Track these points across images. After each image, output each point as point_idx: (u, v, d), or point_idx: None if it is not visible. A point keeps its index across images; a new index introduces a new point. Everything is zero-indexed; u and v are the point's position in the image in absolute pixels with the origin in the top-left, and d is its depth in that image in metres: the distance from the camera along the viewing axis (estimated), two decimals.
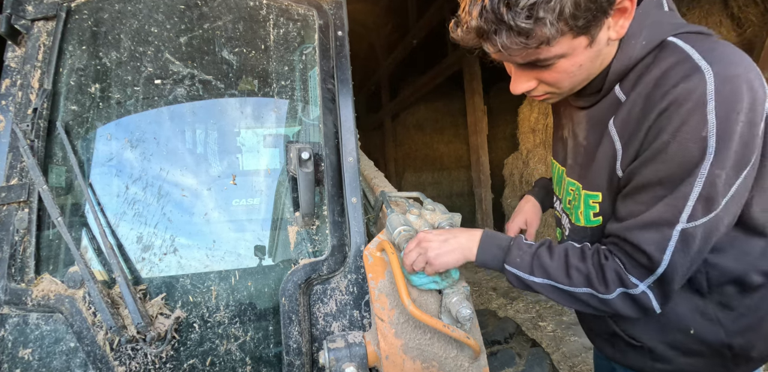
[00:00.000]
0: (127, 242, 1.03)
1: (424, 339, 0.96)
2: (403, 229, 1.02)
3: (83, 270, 0.93)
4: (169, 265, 1.04)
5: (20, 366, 0.92)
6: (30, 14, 1.13)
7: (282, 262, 1.11)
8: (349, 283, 1.09)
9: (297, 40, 1.27)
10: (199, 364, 0.99)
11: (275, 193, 1.17)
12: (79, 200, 1.06)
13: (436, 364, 0.94)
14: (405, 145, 8.53)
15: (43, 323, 0.96)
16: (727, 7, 3.93)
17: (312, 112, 1.23)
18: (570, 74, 0.77)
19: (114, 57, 1.14)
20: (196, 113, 1.16)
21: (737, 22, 3.91)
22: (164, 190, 1.08)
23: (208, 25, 1.20)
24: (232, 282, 1.05)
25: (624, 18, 0.73)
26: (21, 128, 1.02)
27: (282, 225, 1.14)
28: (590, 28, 0.70)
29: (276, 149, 1.21)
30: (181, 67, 1.16)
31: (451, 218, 1.11)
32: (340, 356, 0.95)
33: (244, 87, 1.21)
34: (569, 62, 0.75)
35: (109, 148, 1.09)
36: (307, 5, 1.28)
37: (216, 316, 1.02)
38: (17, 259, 0.97)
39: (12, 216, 0.99)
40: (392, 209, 1.13)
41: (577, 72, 0.77)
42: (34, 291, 0.95)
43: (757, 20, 3.76)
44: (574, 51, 0.73)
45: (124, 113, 1.13)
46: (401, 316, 0.97)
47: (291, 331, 0.99)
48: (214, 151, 1.17)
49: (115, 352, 0.94)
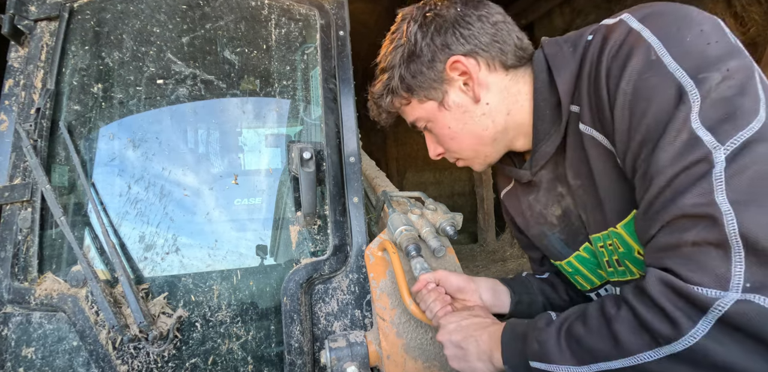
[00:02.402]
0: (130, 241, 1.04)
1: (425, 338, 0.96)
2: (405, 228, 1.02)
3: (86, 269, 0.93)
4: (171, 265, 1.04)
5: (23, 365, 0.93)
6: (33, 14, 1.13)
7: (284, 262, 1.11)
8: (351, 282, 1.09)
9: (299, 40, 1.27)
10: (201, 363, 0.99)
11: (277, 193, 1.17)
12: (81, 199, 1.06)
13: (437, 364, 0.94)
14: (406, 144, 8.52)
15: (46, 322, 0.96)
16: (731, 5, 3.91)
17: (314, 111, 1.24)
18: (447, 136, 0.84)
19: (116, 57, 1.14)
20: (198, 113, 1.17)
21: (740, 21, 3.89)
22: (166, 190, 1.08)
23: (210, 25, 1.20)
24: (234, 281, 1.05)
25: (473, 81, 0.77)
26: (24, 128, 1.02)
27: (284, 224, 1.15)
28: (421, 94, 0.81)
29: (278, 149, 1.21)
30: (183, 67, 1.16)
31: (452, 218, 1.11)
32: (341, 356, 0.95)
33: (245, 87, 1.21)
34: (437, 125, 0.84)
35: (112, 147, 1.09)
36: (309, 5, 1.28)
37: (218, 315, 1.02)
38: (20, 258, 0.98)
39: (15, 215, 1.00)
40: (394, 209, 1.13)
41: (453, 134, 0.83)
42: (37, 290, 0.95)
43: (760, 19, 3.75)
44: (429, 114, 0.83)
45: (126, 113, 1.14)
46: (403, 315, 0.97)
47: (292, 330, 1.00)
48: (216, 150, 1.17)
49: (117, 351, 0.95)
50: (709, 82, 0.53)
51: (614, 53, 0.62)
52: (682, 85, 0.54)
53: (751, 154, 0.48)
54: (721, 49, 0.55)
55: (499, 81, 0.79)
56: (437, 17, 0.77)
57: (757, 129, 0.49)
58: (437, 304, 0.86)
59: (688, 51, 0.56)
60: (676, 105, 0.54)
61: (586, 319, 0.58)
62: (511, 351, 0.68)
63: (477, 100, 0.78)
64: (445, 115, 0.81)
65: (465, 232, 6.94)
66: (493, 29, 0.77)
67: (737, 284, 0.44)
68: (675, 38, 0.57)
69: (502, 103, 0.79)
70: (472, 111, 0.80)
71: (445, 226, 1.08)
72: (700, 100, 0.52)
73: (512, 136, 0.84)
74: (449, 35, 0.76)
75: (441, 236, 1.11)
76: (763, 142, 0.49)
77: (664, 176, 0.53)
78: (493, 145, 0.85)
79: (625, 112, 0.60)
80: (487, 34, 0.76)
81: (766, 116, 0.51)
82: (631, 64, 0.59)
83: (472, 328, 0.76)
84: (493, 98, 0.79)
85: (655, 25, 0.60)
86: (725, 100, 0.52)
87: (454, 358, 0.77)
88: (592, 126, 0.68)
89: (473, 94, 0.78)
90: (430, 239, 1.04)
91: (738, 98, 0.52)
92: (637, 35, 0.60)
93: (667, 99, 0.55)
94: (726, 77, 0.53)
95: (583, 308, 0.62)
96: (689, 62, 0.55)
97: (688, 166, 0.51)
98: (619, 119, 0.61)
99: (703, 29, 0.57)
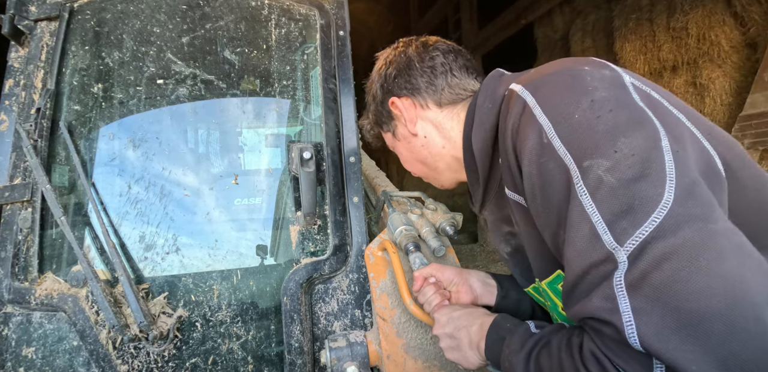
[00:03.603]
0: (130, 241, 1.04)
1: (425, 338, 0.96)
2: (405, 228, 1.02)
3: (86, 269, 0.93)
4: (172, 265, 1.04)
5: (24, 364, 0.93)
6: (33, 15, 1.13)
7: (284, 262, 1.11)
8: (351, 282, 1.09)
9: (299, 40, 1.27)
10: (201, 363, 1.00)
11: (277, 193, 1.17)
12: (81, 199, 1.06)
13: (437, 364, 0.94)
14: None
15: (47, 322, 0.96)
16: (731, 6, 3.91)
17: (314, 111, 1.24)
18: (404, 161, 1.00)
19: (116, 57, 1.14)
20: (198, 113, 1.17)
21: (740, 21, 3.89)
22: (166, 190, 1.08)
23: (210, 25, 1.20)
24: (234, 281, 1.05)
25: (404, 118, 0.89)
26: (24, 128, 1.02)
27: (284, 224, 1.15)
28: (383, 126, 0.97)
29: (278, 149, 1.21)
30: (183, 67, 1.16)
31: (452, 218, 1.11)
32: (341, 355, 0.95)
33: (246, 87, 1.21)
34: (397, 152, 1.00)
35: (112, 147, 1.09)
36: (309, 5, 1.28)
37: (218, 315, 1.02)
38: (21, 258, 0.98)
39: (15, 215, 1.00)
40: (394, 209, 1.13)
41: (405, 159, 0.98)
42: (38, 290, 0.95)
43: (760, 19, 3.75)
44: (391, 142, 1.00)
45: (126, 113, 1.14)
46: (403, 315, 0.97)
47: (293, 330, 1.00)
48: (216, 150, 1.17)
49: (117, 351, 0.95)
50: (595, 171, 0.49)
51: (516, 130, 0.62)
52: (570, 176, 0.52)
53: (650, 257, 0.44)
54: (612, 122, 0.51)
55: (434, 117, 0.87)
56: (390, 64, 0.90)
57: (659, 221, 0.45)
58: (437, 297, 0.89)
59: (575, 131, 0.52)
60: (568, 198, 0.52)
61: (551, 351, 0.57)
62: (491, 350, 0.72)
63: (413, 133, 0.90)
64: (398, 144, 0.97)
65: (465, 232, 6.94)
66: (429, 72, 0.86)
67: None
68: (563, 116, 0.54)
69: (438, 136, 0.88)
70: (413, 142, 0.92)
71: (445, 226, 1.09)
72: (589, 192, 0.49)
73: (456, 168, 0.90)
74: (395, 79, 0.89)
75: (441, 236, 1.11)
76: (662, 240, 0.44)
77: (577, 269, 0.51)
78: (437, 171, 0.94)
79: (536, 195, 0.58)
80: (424, 77, 0.86)
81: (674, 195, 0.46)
82: (527, 146, 0.58)
83: (463, 318, 0.80)
84: (430, 132, 0.88)
85: (546, 101, 0.58)
86: (620, 189, 0.48)
87: (448, 349, 0.80)
88: (515, 191, 0.70)
89: (410, 128, 0.89)
90: (430, 239, 1.04)
91: (634, 184, 0.47)
92: (530, 114, 0.58)
93: (561, 189, 0.53)
94: (617, 160, 0.49)
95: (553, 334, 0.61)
96: (575, 145, 0.52)
97: (594, 264, 0.49)
98: (530, 200, 0.60)
99: (594, 99, 0.54)
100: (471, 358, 0.76)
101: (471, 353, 0.76)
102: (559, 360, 0.55)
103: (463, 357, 0.78)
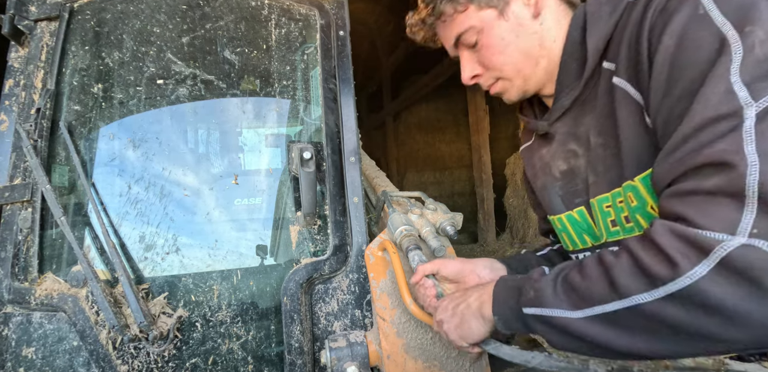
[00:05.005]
0: (130, 241, 1.04)
1: (425, 338, 0.96)
2: (405, 228, 1.02)
3: (86, 269, 0.93)
4: (172, 265, 1.04)
5: (24, 364, 0.93)
6: (33, 15, 1.13)
7: (284, 262, 1.11)
8: (351, 282, 1.09)
9: (299, 40, 1.27)
10: (202, 363, 1.00)
11: (277, 193, 1.17)
12: (81, 200, 1.06)
13: (437, 364, 0.94)
14: (406, 144, 8.52)
15: (47, 322, 0.96)
16: None
17: (314, 111, 1.24)
18: (496, 48, 0.83)
19: (116, 57, 1.14)
20: (198, 113, 1.17)
21: None
22: (166, 190, 1.08)
23: (210, 25, 1.20)
24: (234, 281, 1.05)
25: None
26: (24, 128, 1.02)
27: (284, 224, 1.15)
28: (492, 1, 0.81)
29: (278, 149, 1.21)
30: (183, 67, 1.16)
31: (452, 218, 1.11)
32: (341, 355, 0.95)
33: (246, 87, 1.21)
34: (489, 36, 0.82)
35: (112, 147, 1.09)
36: (309, 5, 1.28)
37: (218, 315, 1.02)
38: (21, 258, 0.98)
39: (15, 215, 1.00)
40: (394, 209, 1.13)
41: (503, 46, 0.82)
42: (38, 290, 0.95)
43: None
44: (485, 23, 0.82)
45: (126, 113, 1.14)
46: (403, 315, 0.97)
47: (293, 330, 1.00)
48: (216, 150, 1.17)
49: (117, 351, 0.95)
50: (753, 37, 0.52)
51: (660, 9, 0.63)
52: (726, 38, 0.54)
53: None
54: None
55: (555, 7, 0.82)
56: None
57: None
58: (432, 290, 0.88)
59: (738, 5, 0.55)
60: (718, 55, 0.54)
61: (583, 268, 0.60)
62: (501, 302, 0.70)
63: (536, 15, 0.81)
64: (501, 24, 0.82)
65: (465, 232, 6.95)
66: None
67: (744, 230, 0.45)
68: None
69: (553, 28, 0.82)
70: (527, 26, 0.81)
71: (445, 226, 1.09)
72: (743, 54, 0.52)
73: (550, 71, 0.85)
74: None
75: (441, 236, 1.11)
76: None
77: (694, 124, 0.53)
78: (535, 68, 0.85)
79: (665, 67, 0.60)
80: None
81: None
82: (676, 19, 0.59)
83: (460, 296, 0.80)
84: (547, 20, 0.81)
85: None
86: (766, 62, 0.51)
87: (451, 329, 0.77)
88: (627, 80, 0.69)
89: (534, 9, 0.80)
90: (430, 239, 1.04)
91: None
92: None
93: (709, 50, 0.55)
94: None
95: (579, 261, 0.63)
96: (737, 15, 0.54)
97: (721, 116, 0.51)
98: (657, 73, 0.61)
99: None
100: (475, 327, 0.74)
101: (475, 322, 0.74)
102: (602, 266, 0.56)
103: (467, 330, 0.75)
